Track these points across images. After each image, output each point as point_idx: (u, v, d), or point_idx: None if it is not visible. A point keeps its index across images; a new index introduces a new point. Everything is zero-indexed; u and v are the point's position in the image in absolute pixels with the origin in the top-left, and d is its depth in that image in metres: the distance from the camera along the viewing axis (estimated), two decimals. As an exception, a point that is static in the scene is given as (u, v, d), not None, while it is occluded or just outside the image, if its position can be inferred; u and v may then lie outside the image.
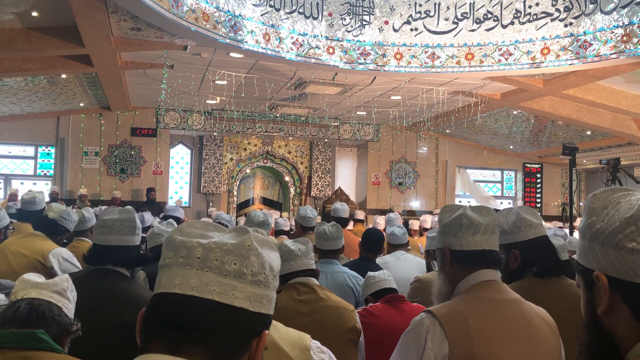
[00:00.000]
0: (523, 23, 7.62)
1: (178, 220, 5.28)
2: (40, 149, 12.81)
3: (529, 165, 14.88)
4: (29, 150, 12.78)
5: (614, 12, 6.63)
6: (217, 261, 0.88)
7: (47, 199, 11.11)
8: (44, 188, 12.41)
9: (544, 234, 2.31)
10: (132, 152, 12.95)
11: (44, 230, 3.83)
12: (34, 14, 6.41)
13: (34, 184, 12.71)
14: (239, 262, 0.89)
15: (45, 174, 12.83)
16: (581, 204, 15.04)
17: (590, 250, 0.96)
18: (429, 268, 3.89)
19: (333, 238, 3.58)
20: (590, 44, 6.95)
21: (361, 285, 3.22)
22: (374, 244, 4.14)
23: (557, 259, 2.32)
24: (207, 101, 11.58)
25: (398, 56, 8.15)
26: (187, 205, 13.76)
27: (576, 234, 4.68)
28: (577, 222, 8.46)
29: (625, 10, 6.51)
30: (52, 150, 12.75)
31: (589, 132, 11.70)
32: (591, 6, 6.90)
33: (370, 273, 3.12)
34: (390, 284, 3.04)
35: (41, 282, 1.80)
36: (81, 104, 11.64)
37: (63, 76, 9.01)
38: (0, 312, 1.69)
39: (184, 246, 0.90)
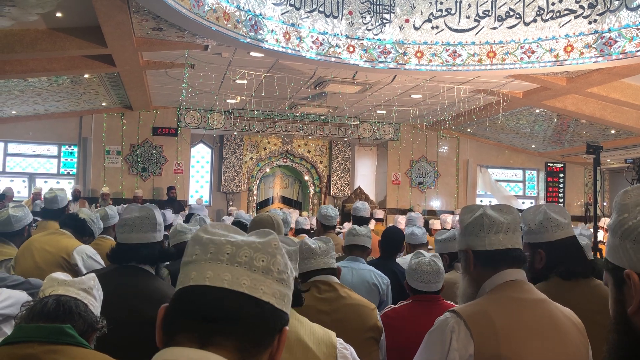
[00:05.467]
0: (546, 20, 7.51)
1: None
2: (63, 148, 13.00)
3: (551, 165, 14.67)
4: (53, 150, 12.97)
5: (640, 9, 6.52)
6: (247, 257, 0.93)
7: (69, 197, 11.30)
8: (67, 187, 12.59)
9: (572, 234, 2.25)
10: (154, 151, 13.08)
11: (72, 228, 3.89)
12: (58, 14, 6.50)
13: (57, 182, 12.91)
14: (266, 259, 0.95)
15: (68, 172, 13.02)
16: (605, 204, 14.81)
17: (622, 247, 0.93)
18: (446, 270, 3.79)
19: (362, 234, 3.58)
20: (615, 41, 6.83)
21: (406, 271, 2.87)
22: (393, 243, 4.10)
23: (584, 261, 2.24)
24: (228, 100, 11.64)
25: (419, 54, 8.10)
26: (207, 204, 13.84)
27: (600, 234, 4.60)
28: (601, 223, 8.33)
29: (652, 6, 6.39)
30: (75, 150, 12.92)
31: (613, 131, 11.50)
32: (616, 3, 6.77)
33: (420, 261, 2.82)
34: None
35: (68, 280, 1.83)
36: (103, 104, 11.79)
37: (86, 76, 9.13)
38: (29, 307, 1.72)
39: (212, 243, 0.94)
